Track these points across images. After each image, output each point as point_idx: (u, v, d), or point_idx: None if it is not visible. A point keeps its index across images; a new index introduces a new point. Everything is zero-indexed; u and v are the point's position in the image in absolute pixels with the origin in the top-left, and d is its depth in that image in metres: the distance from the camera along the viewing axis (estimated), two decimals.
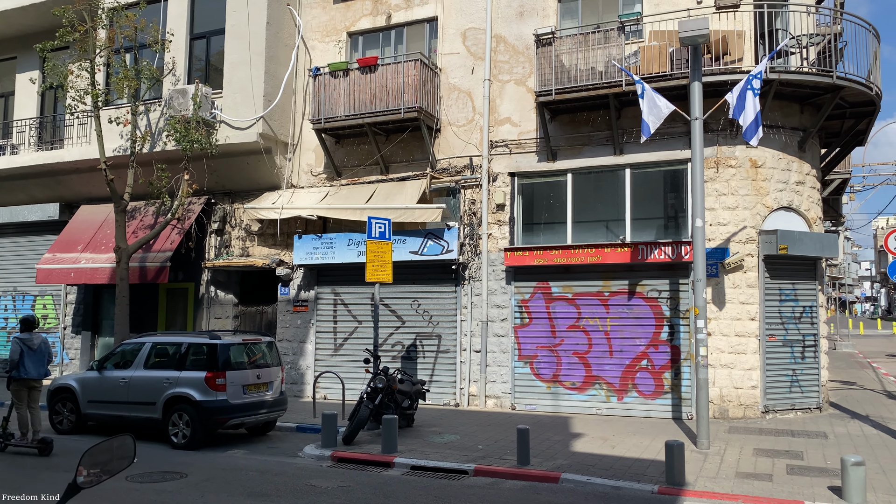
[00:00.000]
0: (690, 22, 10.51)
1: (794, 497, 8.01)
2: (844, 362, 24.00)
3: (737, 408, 12.85)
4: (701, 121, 10.88)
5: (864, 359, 25.58)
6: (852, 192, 29.46)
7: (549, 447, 10.66)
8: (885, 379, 19.22)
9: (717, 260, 13.02)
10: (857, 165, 29.14)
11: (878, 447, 10.63)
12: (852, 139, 15.31)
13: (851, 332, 42.42)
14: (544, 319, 14.37)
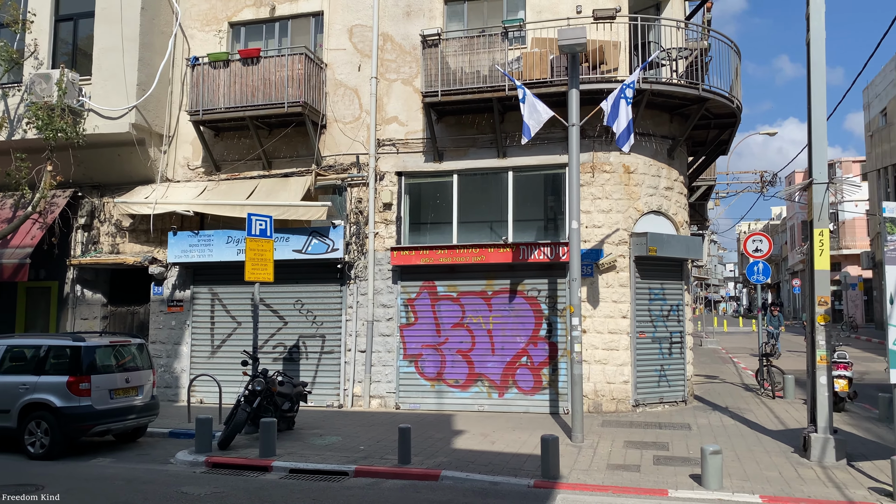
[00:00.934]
0: (569, 31, 10.88)
1: (659, 486, 8.46)
2: (709, 357, 25.66)
3: (610, 402, 13.44)
4: (578, 127, 11.29)
5: (727, 354, 27.46)
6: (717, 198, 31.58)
7: (431, 445, 10.73)
8: (743, 373, 20.69)
9: (593, 260, 13.57)
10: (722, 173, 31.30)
11: (735, 436, 11.42)
12: (716, 148, 16.37)
13: (716, 330, 45.49)
14: (430, 319, 14.46)
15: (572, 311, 11.20)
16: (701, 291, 76.61)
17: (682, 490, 8.27)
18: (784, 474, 8.99)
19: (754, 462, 9.64)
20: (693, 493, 8.17)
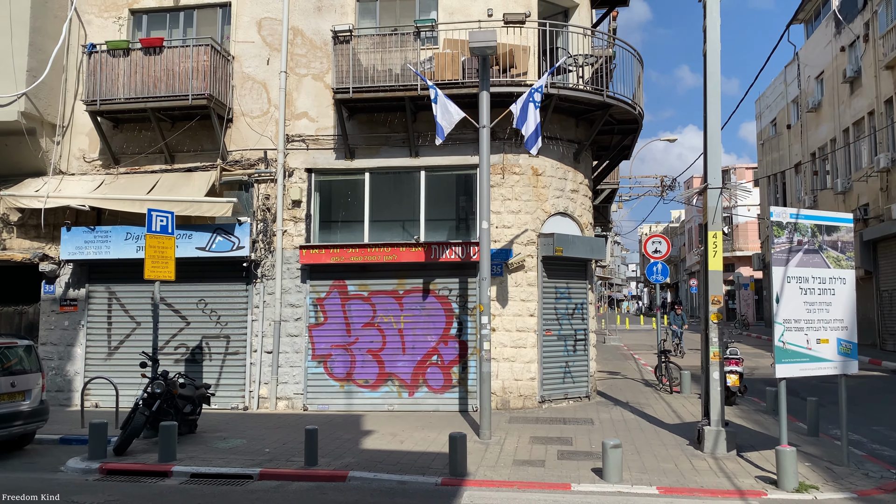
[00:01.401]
0: (480, 33, 11.01)
1: (563, 480, 8.68)
2: (612, 354, 26.58)
3: (517, 399, 13.70)
4: (488, 128, 11.45)
5: (628, 351, 28.51)
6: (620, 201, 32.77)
7: (340, 446, 10.62)
8: (643, 369, 21.54)
9: (502, 260, 13.80)
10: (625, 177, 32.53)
11: (635, 430, 11.87)
12: (619, 153, 16.98)
13: (619, 328, 47.14)
14: (340, 318, 14.30)
15: (482, 309, 11.34)
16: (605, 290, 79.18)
17: (585, 484, 8.53)
18: (679, 466, 9.42)
19: (652, 455, 10.06)
20: (594, 487, 8.43)
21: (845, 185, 29.75)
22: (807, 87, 34.52)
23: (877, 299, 27.82)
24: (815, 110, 33.34)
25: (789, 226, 9.26)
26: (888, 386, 18.40)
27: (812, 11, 34.61)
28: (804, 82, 34.85)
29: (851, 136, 29.67)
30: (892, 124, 26.30)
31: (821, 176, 33.53)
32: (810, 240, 9.41)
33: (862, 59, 28.34)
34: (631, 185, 33.21)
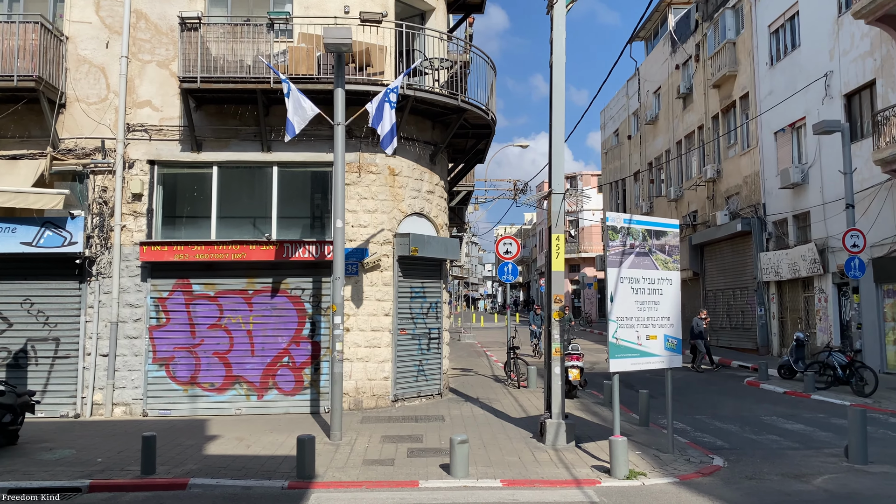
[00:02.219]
0: (335, 30, 10.90)
1: (411, 477, 8.79)
2: (466, 352, 27.25)
3: (371, 398, 13.69)
4: (343, 126, 11.35)
5: (482, 348, 29.35)
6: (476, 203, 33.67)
7: (181, 453, 10.12)
8: (495, 365, 22.26)
9: (358, 259, 13.74)
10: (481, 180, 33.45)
11: (483, 425, 12.24)
12: (474, 156, 17.43)
13: (474, 326, 48.40)
14: (184, 319, 13.62)
15: (335, 309, 11.23)
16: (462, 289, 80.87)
17: (433, 480, 8.68)
18: (523, 458, 9.82)
19: (498, 449, 10.41)
20: (442, 483, 8.60)
21: (677, 193, 32.31)
22: (646, 101, 37.14)
23: (703, 298, 30.43)
24: (652, 123, 35.94)
25: (623, 230, 9.92)
26: (712, 378, 20.20)
27: (652, 30, 37.30)
28: (644, 96, 37.48)
29: (683, 148, 32.27)
30: (718, 138, 28.88)
31: (657, 184, 36.20)
32: (641, 243, 10.13)
33: (693, 78, 30.90)
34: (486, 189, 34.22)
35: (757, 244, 25.21)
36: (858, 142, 19.64)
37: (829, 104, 21.01)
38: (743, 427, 12.61)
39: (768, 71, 24.76)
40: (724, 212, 27.14)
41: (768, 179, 24.72)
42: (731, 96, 27.38)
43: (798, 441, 11.32)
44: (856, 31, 19.60)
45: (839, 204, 19.12)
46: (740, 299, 27.18)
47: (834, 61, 20.89)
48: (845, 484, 8.60)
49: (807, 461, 9.88)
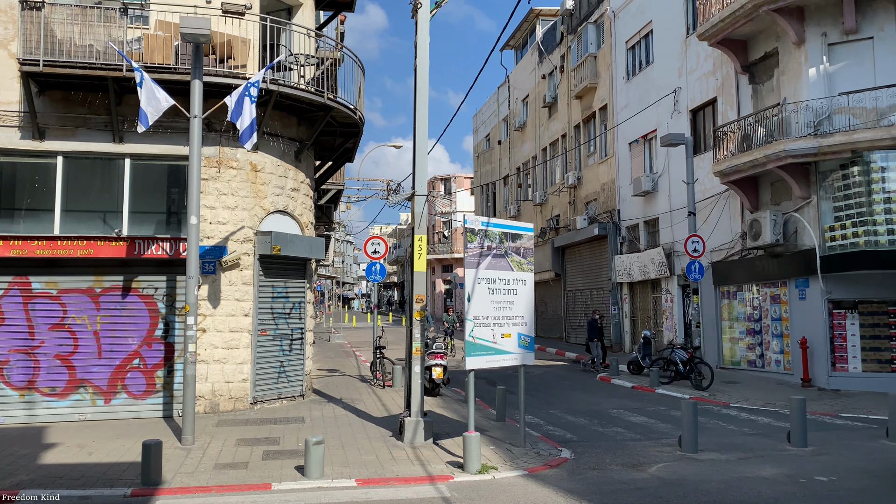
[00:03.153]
0: (193, 19, 10.51)
1: (265, 480, 8.63)
2: (334, 352, 27.02)
3: (228, 401, 13.29)
4: (200, 119, 10.97)
5: (351, 348, 29.22)
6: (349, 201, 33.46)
7: (12, 463, 9.39)
8: (363, 365, 22.23)
9: (216, 258, 13.29)
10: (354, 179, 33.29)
11: (344, 426, 12.21)
12: (343, 155, 17.33)
13: (346, 325, 48.05)
14: (21, 319, 12.63)
15: (188, 310, 10.82)
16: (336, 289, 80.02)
17: (286, 482, 8.57)
18: (380, 457, 9.90)
19: (356, 448, 10.43)
20: (296, 484, 8.51)
21: (542, 198, 33.65)
22: (515, 108, 38.40)
23: (563, 298, 31.87)
24: (521, 129, 37.21)
25: (481, 232, 10.24)
26: (567, 374, 21.21)
27: (521, 39, 38.60)
28: (513, 103, 38.72)
29: (549, 155, 33.65)
30: (579, 147, 30.34)
31: (524, 188, 37.51)
32: (498, 245, 10.50)
33: (558, 88, 32.29)
34: (359, 188, 34.10)
35: (612, 247, 26.73)
36: (702, 154, 21.30)
37: (678, 118, 22.65)
38: (592, 420, 13.34)
39: (625, 84, 26.33)
40: (583, 216, 28.56)
41: (623, 187, 26.27)
42: (592, 107, 28.86)
43: (640, 433, 12.13)
44: (701, 51, 21.24)
45: (684, 211, 20.63)
46: (597, 299, 28.71)
47: (682, 78, 22.53)
48: (676, 471, 9.32)
49: (645, 451, 10.61)
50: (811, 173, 16.87)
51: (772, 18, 17.11)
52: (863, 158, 15.75)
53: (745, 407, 14.56)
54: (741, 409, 14.41)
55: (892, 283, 16.05)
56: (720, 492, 8.27)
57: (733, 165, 18.01)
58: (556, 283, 32.69)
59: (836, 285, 16.44)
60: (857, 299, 16.50)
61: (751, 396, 15.67)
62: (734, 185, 18.74)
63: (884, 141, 15.43)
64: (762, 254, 18.45)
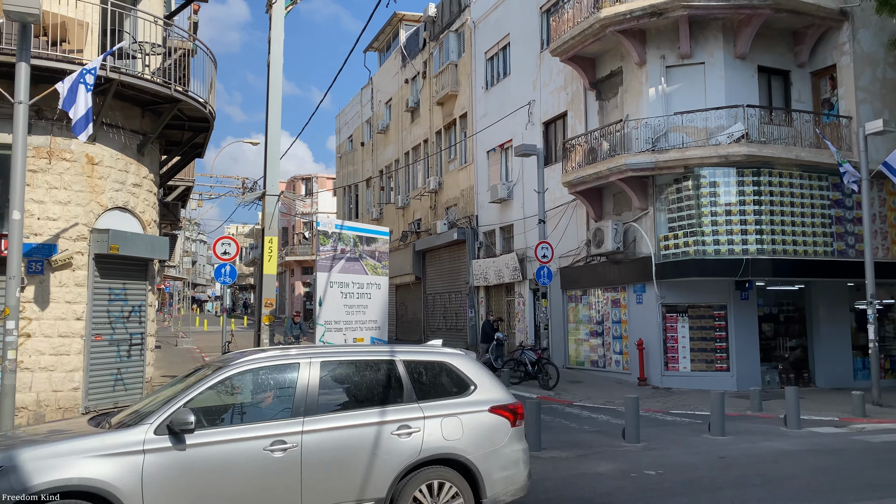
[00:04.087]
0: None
1: None
2: (182, 358, 25.68)
3: (56, 412, 12.25)
4: (26, 105, 10.04)
5: (200, 353, 27.90)
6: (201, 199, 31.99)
7: None
8: None
9: (44, 256, 12.21)
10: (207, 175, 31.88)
11: None
12: (192, 150, 16.51)
13: (196, 329, 45.86)
14: None
15: (8, 313, 9.85)
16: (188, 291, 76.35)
17: None
18: None
19: None
20: None
21: (405, 202, 33.84)
22: (378, 111, 38.38)
23: (423, 301, 32.22)
24: (384, 132, 37.25)
25: (334, 235, 10.12)
26: None
27: (385, 42, 38.67)
28: (376, 106, 38.69)
29: (411, 159, 33.91)
30: (440, 152, 30.82)
31: (386, 191, 37.56)
32: (352, 249, 10.42)
33: (421, 93, 32.63)
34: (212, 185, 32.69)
35: (470, 252, 27.37)
36: (553, 165, 22.29)
37: (532, 130, 23.57)
38: None
39: (484, 94, 27.06)
40: (443, 221, 29.03)
41: (481, 193, 26.98)
42: (453, 114, 29.42)
43: None
44: (554, 66, 22.23)
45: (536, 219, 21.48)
46: (455, 302, 29.26)
47: (536, 91, 23.47)
48: None
49: None
50: (649, 186, 18.13)
51: (617, 39, 18.22)
52: (694, 174, 17.12)
53: (587, 405, 15.37)
54: (583, 407, 15.19)
55: (717, 289, 17.55)
56: (559, 489, 8.64)
57: (580, 177, 18.99)
58: (417, 287, 32.99)
59: (669, 291, 17.74)
60: (688, 304, 17.90)
61: (593, 395, 16.56)
62: (581, 196, 19.76)
63: (712, 158, 16.86)
64: (605, 260, 19.57)
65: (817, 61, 18.57)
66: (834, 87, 18.26)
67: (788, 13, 17.28)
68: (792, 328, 18.71)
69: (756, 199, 16.86)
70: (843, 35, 17.83)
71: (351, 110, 43.71)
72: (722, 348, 17.61)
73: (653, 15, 17.37)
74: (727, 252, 16.76)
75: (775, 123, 17.85)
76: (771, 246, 16.81)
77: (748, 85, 17.93)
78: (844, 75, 17.86)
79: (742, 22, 17.45)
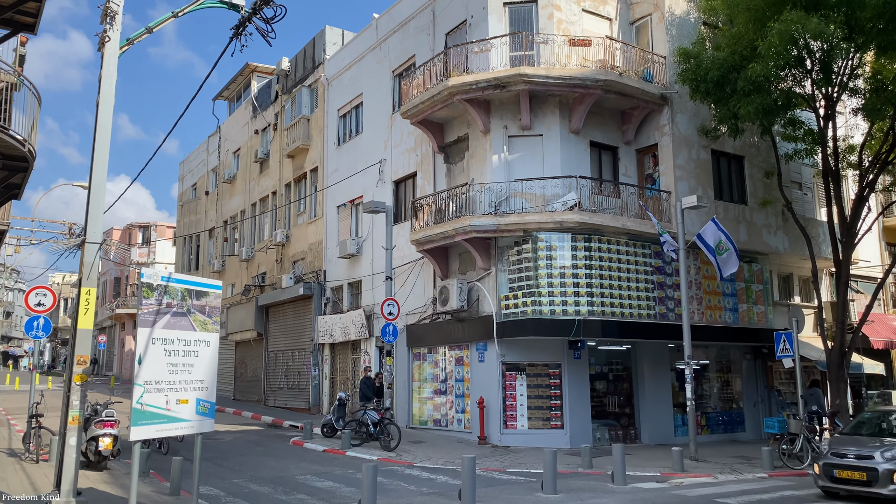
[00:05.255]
0: None
1: None
2: None
3: None
4: None
5: (6, 416, 24.94)
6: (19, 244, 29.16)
7: None
8: (17, 436, 19.02)
9: None
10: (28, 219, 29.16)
11: None
12: (7, 191, 15.05)
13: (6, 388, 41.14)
14: None
15: None
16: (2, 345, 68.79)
17: None
18: None
19: None
20: None
21: (249, 254, 32.74)
22: (225, 160, 37.26)
23: (265, 359, 30.97)
24: (230, 182, 36.12)
25: (160, 288, 9.46)
26: (261, 439, 20.39)
27: (236, 91, 37.91)
28: (224, 155, 37.56)
29: (258, 210, 33.03)
30: (290, 205, 30.29)
31: (230, 242, 36.21)
32: (180, 303, 9.77)
33: (271, 145, 32.12)
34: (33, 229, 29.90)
35: (316, 308, 26.79)
36: (402, 223, 22.52)
37: (382, 187, 23.78)
38: (276, 488, 12.85)
39: (336, 150, 27.07)
40: (290, 275, 28.31)
41: (330, 248, 26.67)
42: (304, 168, 29.13)
43: (323, 498, 11.95)
44: (405, 128, 22.70)
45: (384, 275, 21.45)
46: (298, 360, 28.37)
47: (388, 151, 23.81)
48: None
49: None
50: (492, 247, 18.75)
51: (464, 107, 18.97)
52: (532, 237, 17.92)
53: (428, 466, 15.23)
54: (423, 468, 15.04)
55: (552, 348, 18.27)
56: None
57: (428, 235, 19.31)
58: (259, 343, 31.70)
59: (509, 349, 18.24)
60: (527, 362, 18.46)
61: (433, 455, 16.47)
62: (428, 254, 20.06)
63: (548, 224, 17.76)
64: (450, 318, 19.84)
65: (642, 140, 20.31)
66: (656, 164, 20.00)
67: (617, 95, 18.84)
68: (620, 386, 19.79)
69: (587, 264, 17.89)
70: (664, 118, 19.69)
71: (196, 158, 42.10)
72: (556, 406, 18.24)
73: (497, 87, 18.30)
74: (561, 312, 17.56)
75: (605, 194, 19.21)
76: (601, 308, 17.82)
77: (581, 157, 19.22)
78: (665, 154, 19.64)
79: (577, 100, 18.79)
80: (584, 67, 18.69)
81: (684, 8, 20.47)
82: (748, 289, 20.95)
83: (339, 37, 28.91)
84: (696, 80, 18.04)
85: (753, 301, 21.00)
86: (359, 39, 26.38)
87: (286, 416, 25.30)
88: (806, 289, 23.65)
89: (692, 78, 18.16)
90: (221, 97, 38.55)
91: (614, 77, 18.36)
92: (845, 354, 18.38)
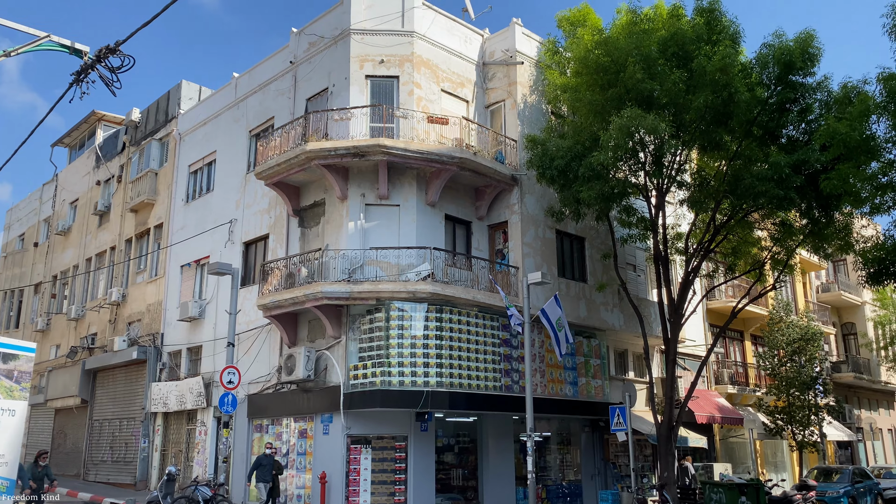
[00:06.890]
0: None
1: None
2: None
3: None
4: None
5: None
6: None
7: None
8: None
9: None
10: None
11: None
12: None
13: None
14: None
15: None
16: None
17: None
18: None
19: None
20: None
21: (79, 313, 30.14)
22: (61, 210, 34.58)
23: (88, 428, 28.23)
24: (64, 234, 33.46)
25: None
26: None
27: (79, 139, 35.60)
28: (59, 204, 34.86)
29: (93, 266, 30.68)
30: (129, 262, 28.40)
31: (59, 299, 33.24)
32: None
33: (113, 197, 30.23)
34: None
35: (151, 374, 24.94)
36: (251, 286, 21.69)
37: (231, 248, 22.90)
38: None
39: (184, 206, 25.89)
40: (123, 337, 26.30)
41: (170, 310, 25.12)
42: (147, 223, 27.57)
43: None
44: (259, 189, 22.16)
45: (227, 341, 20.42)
46: (126, 430, 26.08)
47: (240, 210, 23.08)
48: None
49: None
50: (343, 315, 18.44)
51: (322, 172, 18.87)
52: (385, 306, 17.84)
53: None
54: None
55: (400, 420, 18.02)
56: None
57: (276, 301, 18.70)
58: (82, 411, 28.87)
59: (355, 421, 17.77)
60: (373, 435, 18.04)
61: None
62: (276, 320, 19.37)
63: (402, 293, 17.79)
64: (296, 388, 19.12)
65: (494, 216, 21.09)
66: (506, 240, 20.77)
67: (471, 172, 19.54)
68: (466, 459, 19.78)
69: (438, 335, 18.00)
70: (514, 197, 20.61)
71: (27, 206, 38.73)
72: (401, 480, 17.86)
73: (356, 155, 18.42)
74: (410, 384, 17.43)
75: (458, 266, 19.61)
76: (449, 379, 17.89)
77: (436, 229, 19.59)
78: (514, 231, 20.47)
79: (434, 174, 19.27)
80: (441, 144, 19.29)
81: (534, 98, 21.83)
82: (587, 363, 21.94)
83: (196, 92, 28.12)
84: (542, 166, 19.10)
85: (592, 375, 21.98)
86: (217, 96, 25.79)
87: (108, 493, 22.95)
88: (639, 364, 25.11)
89: (539, 164, 19.21)
90: (62, 143, 36.01)
91: (469, 156, 19.08)
92: (673, 428, 19.55)
